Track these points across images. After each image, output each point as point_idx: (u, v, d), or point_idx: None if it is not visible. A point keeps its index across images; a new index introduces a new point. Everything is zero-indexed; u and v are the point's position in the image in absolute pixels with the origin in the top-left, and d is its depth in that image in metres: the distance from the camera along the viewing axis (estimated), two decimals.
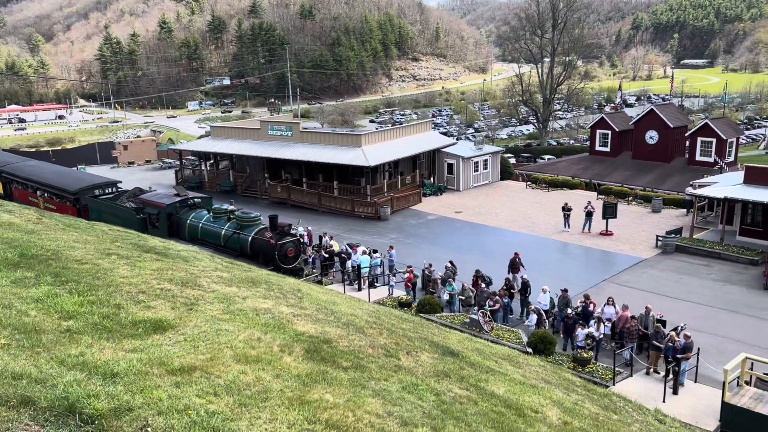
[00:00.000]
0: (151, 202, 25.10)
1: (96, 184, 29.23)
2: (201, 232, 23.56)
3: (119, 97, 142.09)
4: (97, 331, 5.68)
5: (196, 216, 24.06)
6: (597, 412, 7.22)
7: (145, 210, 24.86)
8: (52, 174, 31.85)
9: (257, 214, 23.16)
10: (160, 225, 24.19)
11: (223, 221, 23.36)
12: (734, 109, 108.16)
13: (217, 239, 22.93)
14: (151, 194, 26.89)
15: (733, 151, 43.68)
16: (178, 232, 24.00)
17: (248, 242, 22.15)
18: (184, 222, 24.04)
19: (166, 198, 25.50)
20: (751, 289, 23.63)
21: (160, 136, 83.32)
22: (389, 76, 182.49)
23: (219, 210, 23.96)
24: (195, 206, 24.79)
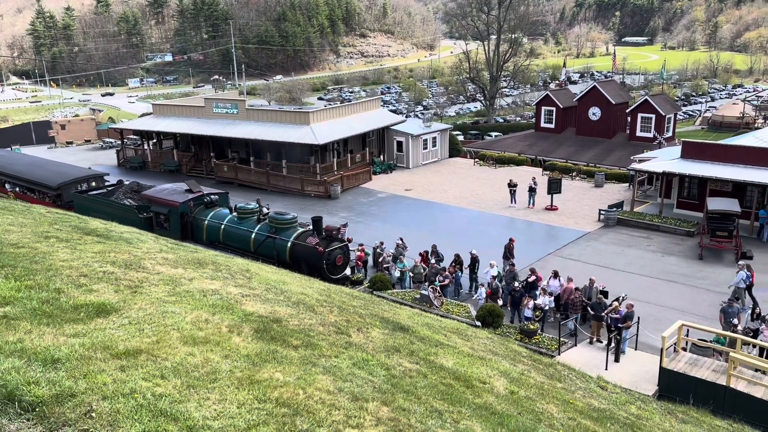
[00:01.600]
0: (160, 200, 22.14)
1: (80, 178, 26.46)
2: (224, 235, 20.82)
3: (55, 74, 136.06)
4: (36, 316, 5.49)
5: (216, 216, 21.34)
6: (542, 381, 7.45)
7: (150, 208, 22.12)
8: (26, 165, 28.80)
9: (294, 215, 20.37)
10: (172, 226, 21.53)
11: (252, 223, 20.59)
12: (672, 85, 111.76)
13: (246, 244, 20.18)
14: (157, 190, 23.53)
15: (672, 127, 45.22)
16: (194, 234, 21.36)
17: (287, 249, 19.44)
18: (201, 223, 21.36)
19: (177, 194, 22.32)
20: (687, 260, 24.69)
21: (100, 115, 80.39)
22: (337, 52, 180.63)
23: (245, 210, 21.00)
24: (212, 204, 22.16)
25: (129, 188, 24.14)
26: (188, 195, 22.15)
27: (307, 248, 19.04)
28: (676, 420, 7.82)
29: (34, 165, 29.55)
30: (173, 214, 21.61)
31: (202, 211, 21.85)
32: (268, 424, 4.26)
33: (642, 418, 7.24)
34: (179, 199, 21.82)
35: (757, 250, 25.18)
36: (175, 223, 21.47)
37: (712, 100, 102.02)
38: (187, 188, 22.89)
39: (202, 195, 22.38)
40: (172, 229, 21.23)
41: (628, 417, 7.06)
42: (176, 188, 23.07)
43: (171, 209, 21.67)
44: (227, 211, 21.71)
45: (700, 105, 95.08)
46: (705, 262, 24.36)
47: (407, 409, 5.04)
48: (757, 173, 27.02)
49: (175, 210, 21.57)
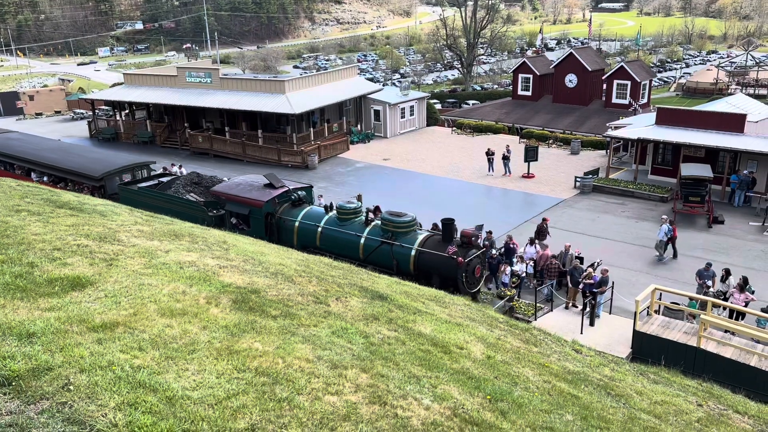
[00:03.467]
0: (239, 198, 18.77)
1: (126, 166, 23.20)
2: (322, 240, 17.68)
3: (20, 44, 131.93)
4: (9, 291, 5.42)
5: (309, 216, 18.17)
6: (518, 345, 7.59)
7: (223, 206, 18.97)
8: (58, 152, 25.28)
9: (413, 216, 17.05)
10: (253, 228, 18.33)
11: (357, 225, 17.43)
12: (648, 52, 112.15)
13: (352, 251, 17.01)
14: (231, 185, 19.82)
15: (647, 94, 45.54)
16: (280, 237, 18.12)
17: (411, 258, 16.21)
18: (289, 225, 18.18)
19: (258, 191, 18.81)
20: None
21: (70, 85, 78.46)
22: (312, 19, 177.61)
23: (347, 210, 17.66)
24: (300, 201, 18.93)
25: (188, 180, 21.01)
26: (271, 192, 18.76)
27: (440, 258, 15.74)
28: (648, 380, 8.05)
29: (66, 151, 25.99)
30: (256, 215, 18.41)
31: (289, 210, 18.62)
32: (247, 393, 4.29)
33: (615, 379, 7.43)
34: (263, 197, 18.54)
35: (729, 215, 25.70)
36: (258, 224, 18.32)
37: (686, 67, 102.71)
38: (268, 182, 19.26)
39: (287, 191, 19.05)
40: (253, 231, 17.82)
41: (602, 379, 7.24)
42: (253, 183, 19.53)
43: (253, 209, 18.45)
44: (321, 210, 18.53)
45: (675, 71, 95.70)
46: (678, 227, 24.81)
47: (386, 376, 5.11)
48: (729, 139, 27.43)
49: (258, 210, 18.36)
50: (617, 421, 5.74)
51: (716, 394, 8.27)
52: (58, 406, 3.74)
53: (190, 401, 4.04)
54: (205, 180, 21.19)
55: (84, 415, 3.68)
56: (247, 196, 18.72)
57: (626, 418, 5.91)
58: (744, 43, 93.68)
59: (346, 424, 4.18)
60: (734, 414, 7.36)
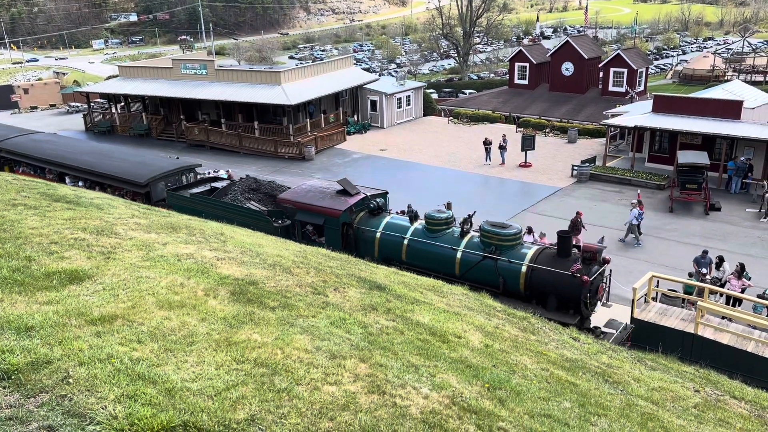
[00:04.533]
0: (312, 207, 16.94)
1: (172, 170, 21.62)
2: (409, 254, 15.76)
3: (14, 37, 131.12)
4: (7, 285, 5.42)
5: (391, 227, 16.25)
6: (516, 334, 7.62)
7: (296, 216, 17.08)
8: (96, 155, 23.42)
9: (518, 227, 15.08)
10: (328, 239, 16.51)
11: (451, 237, 15.41)
12: (644, 39, 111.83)
13: (447, 266, 15.13)
14: (299, 193, 17.82)
15: (644, 81, 45.48)
16: (358, 249, 16.41)
17: (521, 275, 14.14)
18: (369, 236, 16.36)
19: (332, 199, 17.03)
20: (658, 212, 25.17)
21: (64, 78, 78.08)
22: (307, 9, 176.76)
23: (437, 219, 15.59)
24: (379, 210, 16.97)
25: (246, 186, 19.20)
26: (348, 200, 16.91)
27: (560, 277, 13.65)
28: (646, 367, 8.10)
29: (105, 155, 23.93)
30: (331, 225, 16.61)
31: (367, 219, 16.81)
32: (246, 384, 4.31)
33: (613, 366, 7.47)
34: (339, 205, 16.67)
35: (725, 202, 25.77)
36: (334, 235, 16.53)
37: (683, 54, 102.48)
38: (341, 189, 17.38)
39: (365, 198, 17.16)
40: (328, 242, 16.15)
41: (600, 366, 7.28)
42: (324, 189, 17.77)
43: (328, 219, 16.64)
44: (404, 219, 16.64)
45: (672, 58, 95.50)
46: (675, 215, 24.87)
47: (384, 365, 5.13)
48: (725, 126, 27.45)
49: (334, 220, 16.54)
50: (615, 408, 5.77)
51: (713, 380, 8.32)
52: (57, 399, 3.76)
53: (189, 393, 4.06)
54: (263, 186, 19.38)
55: (84, 408, 3.70)
56: (321, 205, 16.85)
57: (624, 405, 5.94)
58: (741, 30, 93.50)
59: (345, 413, 4.20)
60: (731, 399, 7.41)
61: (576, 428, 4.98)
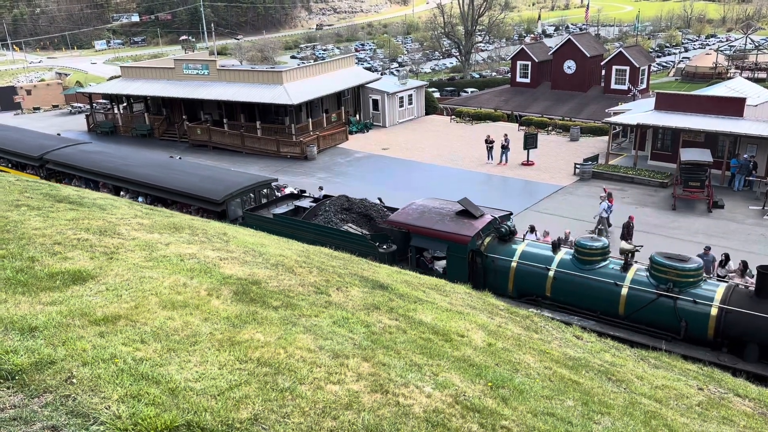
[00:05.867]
0: (431, 231, 14.74)
1: (247, 187, 19.72)
2: (555, 289, 13.64)
3: (17, 38, 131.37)
4: (10, 286, 5.43)
5: (530, 256, 14.12)
6: (519, 332, 7.62)
7: (411, 242, 15.09)
8: (156, 168, 21.73)
9: (699, 262, 12.96)
10: (452, 269, 14.41)
11: (611, 271, 13.24)
12: (646, 37, 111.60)
13: (607, 305, 13.02)
14: (411, 214, 15.67)
15: (646, 79, 45.40)
16: (486, 280, 14.27)
17: (710, 319, 11.94)
18: (503, 267, 14.22)
19: (455, 222, 14.79)
20: (661, 210, 25.13)
21: (67, 79, 78.24)
22: (309, 9, 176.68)
23: (591, 249, 13.40)
24: (511, 234, 14.85)
25: (338, 206, 17.24)
26: (475, 223, 14.67)
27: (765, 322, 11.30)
28: (649, 365, 8.09)
29: (164, 167, 21.91)
30: (457, 253, 14.37)
31: (497, 246, 14.58)
32: (250, 384, 4.32)
33: (616, 365, 7.46)
34: (466, 230, 14.42)
35: (728, 199, 25.71)
36: (460, 265, 14.33)
37: (685, 51, 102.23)
38: (462, 209, 15.20)
39: (492, 221, 14.93)
40: (451, 273, 14.13)
41: (603, 364, 7.27)
42: (441, 210, 15.59)
43: (453, 246, 14.43)
44: (543, 247, 14.70)
45: (674, 56, 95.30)
46: (678, 213, 24.83)
47: (387, 364, 5.13)
48: (728, 123, 27.38)
49: (460, 248, 14.29)
50: (618, 406, 5.77)
51: (717, 378, 8.31)
52: (61, 399, 3.77)
53: (192, 392, 4.07)
54: (355, 205, 17.53)
55: (87, 408, 3.71)
56: (445, 230, 14.64)
57: (627, 403, 5.94)
58: (743, 27, 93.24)
59: (348, 412, 4.20)
60: (735, 397, 7.40)
61: (579, 427, 4.97)
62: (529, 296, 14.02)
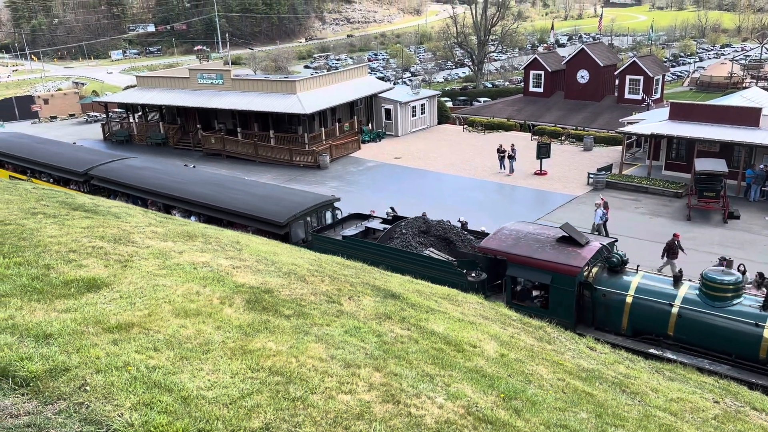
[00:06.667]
0: (532, 260, 13.41)
1: (311, 208, 18.53)
2: (680, 328, 12.27)
3: (35, 48, 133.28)
4: (26, 293, 5.48)
5: (647, 290, 12.71)
6: (532, 343, 7.56)
7: (508, 271, 13.80)
8: (207, 185, 20.52)
9: None
10: (555, 303, 13.27)
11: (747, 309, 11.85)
12: (661, 46, 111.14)
13: (746, 348, 11.64)
14: (504, 238, 14.35)
15: (660, 88, 45.16)
16: (595, 315, 13.21)
17: None
18: (617, 303, 12.86)
19: (556, 249, 13.51)
20: (675, 221, 24.92)
21: (83, 88, 79.19)
22: (322, 19, 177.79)
23: (722, 284, 12.05)
24: (622, 265, 13.41)
25: (416, 229, 16.14)
26: (581, 252, 13.39)
27: None
28: (664, 378, 7.99)
29: (218, 184, 20.71)
30: (563, 285, 13.03)
31: (607, 279, 13.28)
32: (261, 393, 4.32)
33: (630, 377, 7.39)
34: (574, 260, 13.08)
35: (744, 210, 25.45)
36: (565, 299, 13.05)
37: (700, 60, 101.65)
38: (564, 235, 13.82)
39: (600, 250, 13.68)
40: (555, 307, 13.09)
41: (617, 376, 7.20)
42: (539, 236, 14.29)
43: (558, 277, 13.09)
44: (663, 280, 13.27)
45: (689, 65, 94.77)
46: (693, 223, 24.61)
47: (399, 374, 5.11)
48: (743, 133, 27.15)
49: (567, 279, 12.96)
50: (633, 419, 5.70)
51: (733, 391, 8.19)
52: (75, 406, 3.79)
53: (204, 401, 4.07)
54: (433, 227, 16.42)
55: (101, 415, 3.72)
56: (548, 259, 13.29)
57: (642, 416, 5.87)
58: (759, 36, 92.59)
59: (359, 422, 4.19)
60: (752, 411, 7.29)
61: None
62: (646, 335, 12.71)
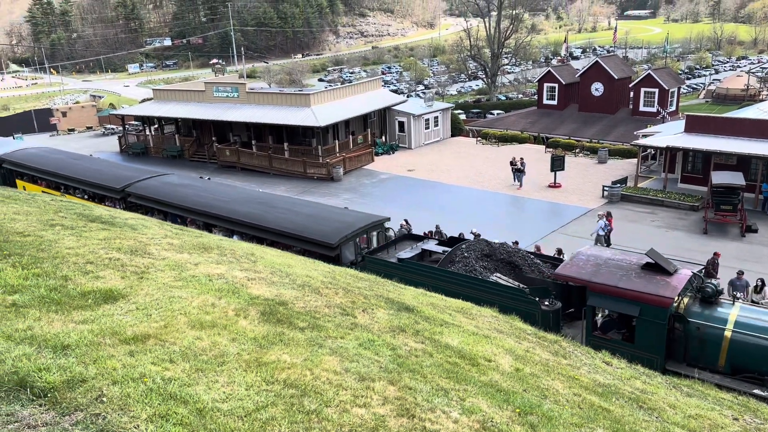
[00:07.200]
0: (617, 289, 12.21)
1: (362, 228, 17.65)
2: None
3: (54, 61, 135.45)
4: (44, 304, 5.54)
5: (749, 324, 11.59)
6: (548, 358, 7.50)
7: (588, 301, 12.66)
8: (249, 203, 19.85)
9: None
10: (644, 337, 12.04)
11: None
12: (676, 59, 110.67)
13: None
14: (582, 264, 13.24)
15: (675, 101, 44.89)
16: (687, 352, 12.05)
17: None
18: (713, 338, 11.71)
19: (641, 277, 12.34)
20: (692, 234, 24.68)
21: (101, 101, 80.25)
22: (336, 32, 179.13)
23: None
24: (716, 296, 12.35)
25: (479, 252, 15.16)
26: (671, 281, 12.14)
27: None
28: (682, 393, 7.88)
29: (261, 202, 20.01)
30: (652, 318, 11.88)
31: (700, 310, 12.20)
32: (276, 406, 4.32)
33: (647, 392, 7.29)
34: (665, 290, 11.88)
35: (762, 223, 25.15)
36: (655, 333, 11.89)
37: (716, 73, 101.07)
38: (650, 262, 12.68)
39: (692, 278, 12.59)
40: (642, 340, 12.04)
41: (634, 392, 7.11)
42: (619, 262, 13.14)
43: (647, 309, 11.90)
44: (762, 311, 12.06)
45: (704, 78, 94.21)
46: (710, 236, 24.35)
47: (414, 388, 5.09)
48: (761, 146, 26.88)
49: (658, 312, 11.80)
50: None
51: (753, 407, 8.06)
52: (91, 417, 3.81)
53: (220, 413, 4.08)
54: (496, 250, 15.43)
55: (117, 427, 3.74)
56: (636, 288, 12.09)
57: None
58: None
59: None
60: None
61: None
62: (748, 373, 11.46)
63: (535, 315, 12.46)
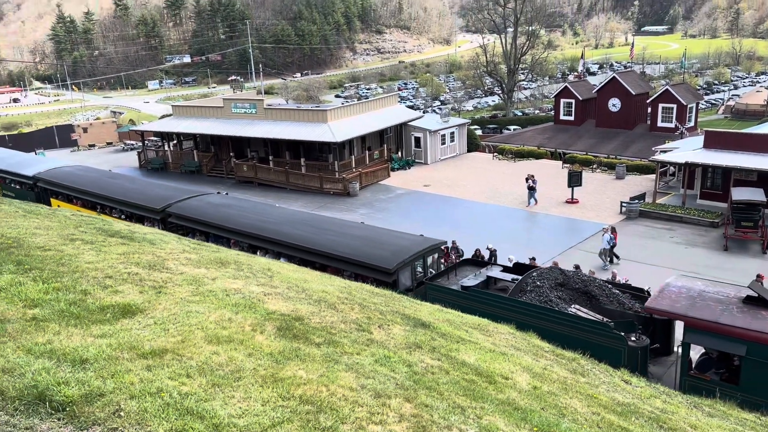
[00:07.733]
0: (721, 327, 11.33)
1: (419, 252, 16.93)
2: None
3: (76, 78, 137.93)
4: (64, 318, 5.60)
5: None
6: (566, 375, 7.42)
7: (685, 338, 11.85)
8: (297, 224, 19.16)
9: None
10: (752, 378, 11.08)
11: None
12: (694, 74, 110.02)
13: None
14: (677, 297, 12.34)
15: (693, 116, 44.55)
16: None
17: None
18: None
19: (745, 313, 11.50)
20: (711, 251, 24.35)
21: (121, 117, 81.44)
22: (353, 49, 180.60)
23: None
24: None
25: (552, 280, 14.24)
26: None
27: None
28: (703, 413, 7.74)
29: (308, 224, 19.33)
30: (761, 357, 10.88)
31: None
32: (292, 422, 4.31)
33: (667, 412, 7.17)
34: None
35: None
36: (764, 375, 10.88)
37: (735, 88, 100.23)
38: (753, 295, 11.83)
39: None
40: (748, 383, 11.06)
41: (653, 411, 7.00)
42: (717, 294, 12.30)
43: (755, 347, 10.90)
44: None
45: (723, 93, 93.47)
46: (730, 253, 24.02)
47: (430, 405, 5.06)
48: None
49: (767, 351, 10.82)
50: None
51: None
52: (109, 431, 3.83)
53: (236, 429, 4.08)
54: (571, 279, 14.43)
55: None
56: (741, 325, 11.08)
57: None
58: None
59: None
60: None
61: None
62: None
63: (620, 352, 11.50)
